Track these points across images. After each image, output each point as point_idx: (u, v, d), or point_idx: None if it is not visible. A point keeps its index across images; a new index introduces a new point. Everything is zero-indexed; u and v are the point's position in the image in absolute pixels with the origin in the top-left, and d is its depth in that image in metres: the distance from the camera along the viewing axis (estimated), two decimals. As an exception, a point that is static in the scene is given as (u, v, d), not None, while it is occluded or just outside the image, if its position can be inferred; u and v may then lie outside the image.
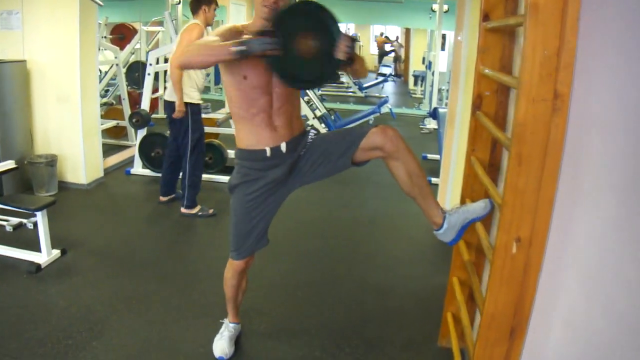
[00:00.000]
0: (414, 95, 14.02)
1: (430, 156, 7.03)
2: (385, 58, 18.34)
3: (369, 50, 20.40)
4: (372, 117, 8.04)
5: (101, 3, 4.50)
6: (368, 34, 21.02)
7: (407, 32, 16.97)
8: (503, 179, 2.33)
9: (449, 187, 4.43)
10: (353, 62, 2.10)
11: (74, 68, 4.89)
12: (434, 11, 9.50)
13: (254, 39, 1.97)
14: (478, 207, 2.25)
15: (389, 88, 15.80)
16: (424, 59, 13.27)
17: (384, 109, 8.12)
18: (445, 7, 9.37)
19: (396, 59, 18.14)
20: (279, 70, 2.09)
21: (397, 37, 19.00)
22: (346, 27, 12.81)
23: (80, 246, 3.82)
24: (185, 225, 4.39)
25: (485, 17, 2.36)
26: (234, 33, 2.17)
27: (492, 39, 2.37)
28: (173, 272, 3.52)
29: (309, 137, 2.36)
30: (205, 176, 5.33)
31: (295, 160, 2.32)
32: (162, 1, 7.94)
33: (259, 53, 1.97)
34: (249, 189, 2.32)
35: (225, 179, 5.38)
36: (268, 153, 2.26)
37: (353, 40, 2.08)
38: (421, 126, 9.42)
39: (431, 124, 9.32)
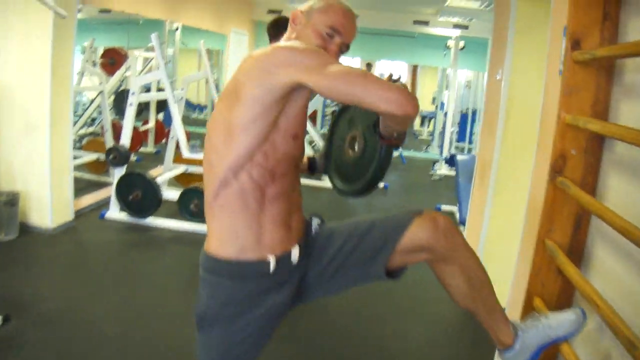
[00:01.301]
0: (420, 137, 13.38)
1: (444, 207, 6.32)
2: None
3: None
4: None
5: (65, 14, 3.83)
6: (371, 71, 20.65)
7: (414, 70, 16.50)
8: (591, 271, 1.65)
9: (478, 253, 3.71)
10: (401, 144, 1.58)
11: (43, 93, 4.21)
12: (448, 48, 8.92)
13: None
14: (566, 321, 1.54)
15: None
16: (434, 98, 12.68)
17: (394, 154, 7.43)
18: (462, 44, 8.80)
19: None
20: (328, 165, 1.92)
21: (400, 76, 18.49)
22: (352, 59, 12.29)
23: (30, 310, 3.07)
24: (162, 287, 3.63)
25: (575, 44, 1.69)
26: None
27: (584, 76, 1.69)
28: (140, 353, 2.76)
29: (313, 228, 1.60)
30: (188, 227, 4.64)
31: (304, 272, 1.55)
32: (160, 26, 7.34)
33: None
34: (233, 325, 1.47)
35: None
36: (272, 266, 1.41)
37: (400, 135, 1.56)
38: (431, 172, 8.75)
39: (442, 169, 8.66)
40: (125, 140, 4.79)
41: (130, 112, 4.74)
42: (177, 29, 7.37)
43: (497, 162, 3.43)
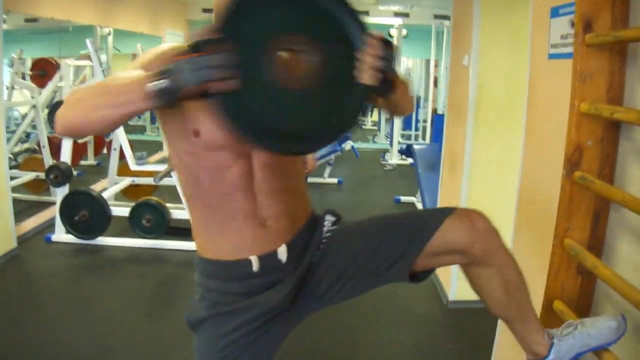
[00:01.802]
0: (365, 127, 13.31)
1: (403, 198, 6.22)
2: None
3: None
4: (332, 156, 7.16)
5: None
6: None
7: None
8: (613, 266, 1.53)
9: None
10: (392, 88, 1.17)
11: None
12: (391, 36, 8.84)
13: (186, 59, 0.99)
14: (606, 328, 1.41)
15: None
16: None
17: (346, 146, 7.27)
18: (405, 32, 8.75)
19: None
20: (242, 124, 1.06)
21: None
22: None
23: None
24: (123, 316, 3.33)
25: (587, 27, 1.55)
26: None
27: (597, 60, 1.55)
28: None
29: (324, 229, 1.43)
30: (144, 243, 4.33)
31: (305, 273, 1.39)
32: (90, 33, 6.92)
33: (195, 90, 1.00)
34: (223, 326, 1.36)
35: (171, 245, 4.36)
36: (255, 267, 1.32)
37: (389, 45, 1.13)
38: (383, 162, 8.67)
39: (393, 158, 8.60)
40: (66, 156, 4.43)
41: (70, 125, 4.36)
42: (109, 34, 6.95)
43: (469, 153, 3.32)
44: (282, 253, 1.34)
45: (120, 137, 4.49)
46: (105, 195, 4.47)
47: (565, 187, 1.61)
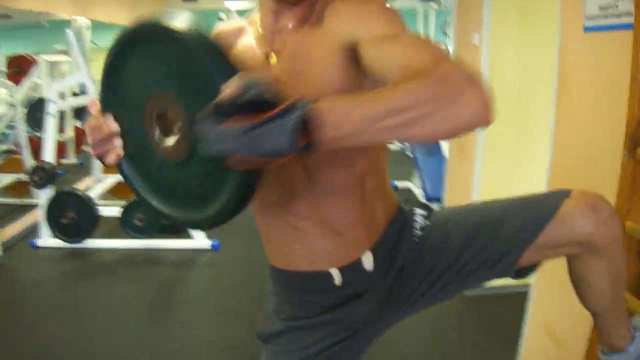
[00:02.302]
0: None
1: (400, 184, 6.04)
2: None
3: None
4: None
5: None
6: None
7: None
8: None
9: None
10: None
11: (-56, 114, 3.55)
12: None
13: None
14: None
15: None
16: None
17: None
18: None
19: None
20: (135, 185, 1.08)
21: None
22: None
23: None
24: (120, 323, 3.12)
25: None
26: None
27: None
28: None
29: (416, 226, 1.23)
30: (136, 244, 4.12)
31: (396, 279, 1.21)
32: (67, 28, 6.65)
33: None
34: (301, 340, 1.22)
35: (166, 244, 4.16)
36: (337, 280, 1.15)
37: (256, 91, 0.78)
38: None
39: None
40: (49, 156, 4.19)
41: (52, 123, 4.12)
42: (87, 28, 6.67)
43: (483, 136, 3.16)
44: (368, 261, 1.16)
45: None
46: (91, 194, 4.24)
47: (627, 166, 1.48)
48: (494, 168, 3.22)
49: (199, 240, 4.18)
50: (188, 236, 4.23)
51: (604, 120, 1.81)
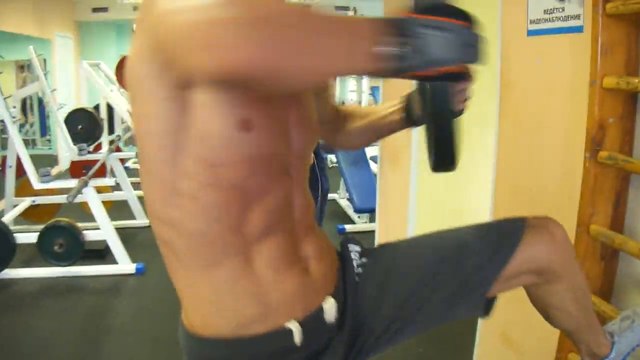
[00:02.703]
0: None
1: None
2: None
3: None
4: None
5: None
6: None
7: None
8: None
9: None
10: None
11: None
12: None
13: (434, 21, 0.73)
14: None
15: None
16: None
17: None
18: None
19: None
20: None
21: None
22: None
23: None
24: None
25: None
26: None
27: (617, 33, 1.44)
28: None
29: (354, 265, 1.09)
30: (58, 272, 3.83)
31: (350, 334, 1.03)
32: None
33: (446, 72, 0.74)
34: None
35: (89, 271, 3.88)
36: (297, 337, 0.91)
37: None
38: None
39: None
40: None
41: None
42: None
43: (417, 142, 3.17)
44: (330, 309, 0.97)
45: (20, 151, 3.93)
46: (5, 220, 3.90)
47: (589, 169, 1.50)
48: (430, 177, 3.23)
49: (123, 264, 3.94)
50: (112, 261, 3.98)
51: (550, 125, 1.85)
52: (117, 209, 4.81)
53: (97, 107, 6.20)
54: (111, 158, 4.68)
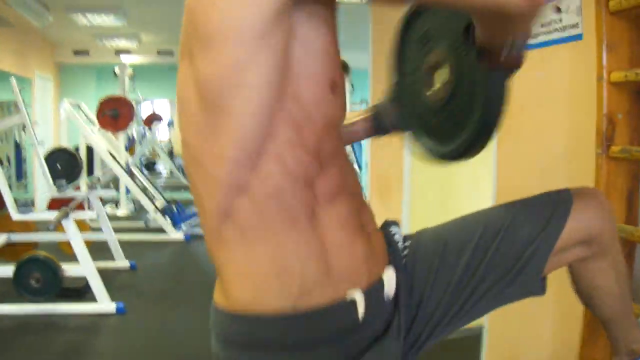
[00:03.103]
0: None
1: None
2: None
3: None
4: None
5: None
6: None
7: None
8: None
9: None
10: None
11: None
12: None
13: None
14: None
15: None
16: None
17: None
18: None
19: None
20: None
21: None
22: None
23: None
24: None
25: None
26: None
27: (620, 29, 1.49)
28: None
29: (399, 247, 1.05)
30: (33, 309, 3.67)
31: (408, 313, 0.99)
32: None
33: None
34: None
35: (67, 308, 3.73)
36: (361, 310, 0.86)
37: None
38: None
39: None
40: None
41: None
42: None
43: (409, 175, 3.17)
44: (390, 281, 0.94)
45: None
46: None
47: (601, 165, 1.51)
48: (421, 207, 3.22)
49: (103, 303, 3.79)
50: (91, 299, 3.83)
51: (552, 131, 1.87)
52: (97, 250, 4.68)
53: (76, 149, 6.14)
54: (92, 195, 4.59)
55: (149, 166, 12.33)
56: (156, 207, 5.86)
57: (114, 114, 5.94)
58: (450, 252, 1.02)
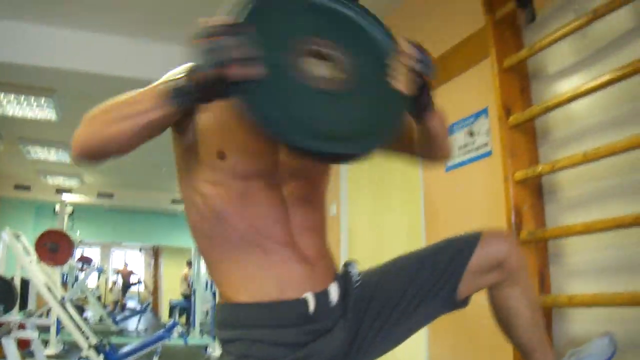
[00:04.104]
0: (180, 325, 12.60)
1: None
2: (131, 290, 16.70)
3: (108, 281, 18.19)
4: (159, 344, 6.60)
5: None
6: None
7: (157, 257, 15.91)
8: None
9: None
10: (431, 98, 1.15)
11: None
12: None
13: (199, 43, 0.90)
14: (598, 348, 1.50)
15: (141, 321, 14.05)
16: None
17: (175, 332, 6.80)
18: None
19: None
20: (271, 120, 0.92)
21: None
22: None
23: None
24: None
25: (507, 113, 1.96)
26: None
27: (518, 139, 1.94)
28: None
29: (353, 274, 1.33)
30: None
31: (353, 318, 1.27)
32: None
33: (212, 76, 0.91)
34: None
35: None
36: (311, 306, 1.16)
37: (423, 48, 1.11)
38: (206, 355, 8.27)
39: (216, 351, 8.20)
40: None
41: None
42: None
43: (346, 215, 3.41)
44: (334, 292, 1.21)
45: None
46: None
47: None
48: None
49: None
50: None
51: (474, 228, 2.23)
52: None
53: (11, 279, 5.99)
54: (29, 322, 4.49)
55: (78, 310, 11.79)
56: (90, 344, 5.66)
57: (54, 247, 5.94)
58: (387, 280, 1.31)
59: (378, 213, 3.50)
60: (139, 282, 16.94)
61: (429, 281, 1.28)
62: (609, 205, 1.68)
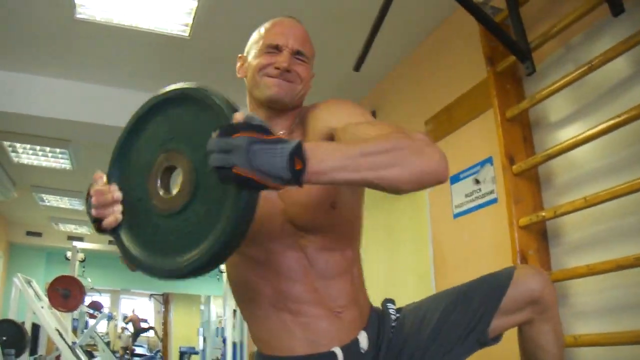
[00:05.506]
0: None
1: None
2: (141, 337, 16.61)
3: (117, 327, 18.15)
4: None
5: None
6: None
7: (167, 304, 15.84)
8: None
9: None
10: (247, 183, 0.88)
11: None
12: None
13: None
14: None
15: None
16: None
17: None
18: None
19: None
20: (131, 258, 1.05)
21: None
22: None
23: None
24: None
25: (511, 161, 2.02)
26: None
27: (522, 186, 2.00)
28: None
29: (392, 314, 1.39)
30: None
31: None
32: None
33: (94, 224, 1.10)
34: None
35: None
36: (340, 357, 1.23)
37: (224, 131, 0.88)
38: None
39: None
40: None
41: None
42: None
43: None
44: (363, 340, 1.27)
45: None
46: None
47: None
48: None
49: None
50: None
51: (481, 273, 2.27)
52: None
53: (22, 325, 6.02)
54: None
55: (87, 356, 11.71)
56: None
57: (66, 293, 5.98)
58: (422, 321, 1.34)
59: (388, 259, 3.49)
60: (150, 328, 16.86)
61: (462, 322, 1.30)
62: (611, 247, 1.73)
